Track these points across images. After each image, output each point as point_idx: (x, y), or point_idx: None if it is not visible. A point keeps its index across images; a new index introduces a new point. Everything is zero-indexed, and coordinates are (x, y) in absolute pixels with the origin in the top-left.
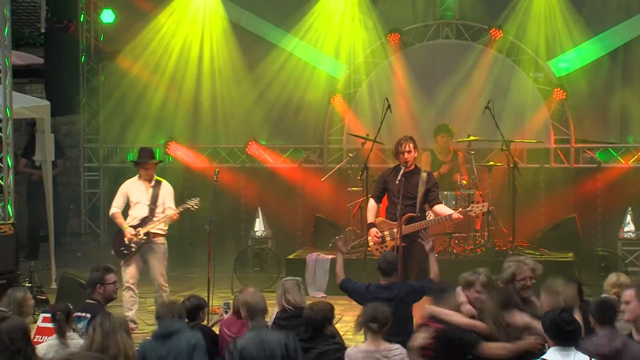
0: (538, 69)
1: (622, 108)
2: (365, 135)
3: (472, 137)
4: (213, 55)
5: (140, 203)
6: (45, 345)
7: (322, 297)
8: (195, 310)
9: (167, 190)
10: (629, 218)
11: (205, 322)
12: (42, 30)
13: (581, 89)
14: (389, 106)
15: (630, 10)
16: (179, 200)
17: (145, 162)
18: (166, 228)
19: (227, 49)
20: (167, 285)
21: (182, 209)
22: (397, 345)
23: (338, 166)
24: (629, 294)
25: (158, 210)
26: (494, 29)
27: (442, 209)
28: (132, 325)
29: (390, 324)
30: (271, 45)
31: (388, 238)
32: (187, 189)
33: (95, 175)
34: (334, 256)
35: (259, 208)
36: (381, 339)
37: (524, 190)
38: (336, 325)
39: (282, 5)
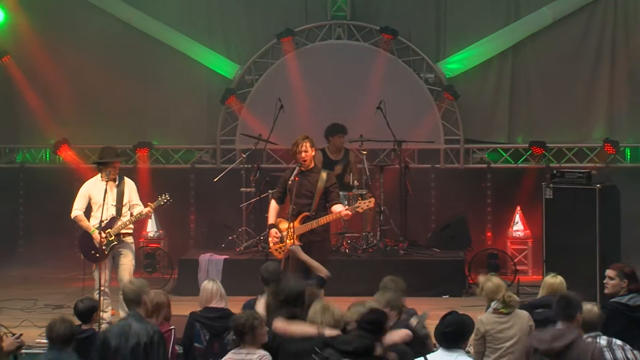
0: (428, 70)
1: (511, 109)
2: (258, 136)
3: (363, 138)
4: (104, 54)
5: (106, 204)
6: None
7: None
8: (89, 313)
9: (131, 187)
10: (517, 217)
11: (96, 325)
12: None
13: (471, 90)
14: (282, 106)
15: (519, 12)
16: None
17: (114, 162)
18: (132, 226)
19: (118, 49)
20: None
21: (155, 206)
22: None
23: (231, 167)
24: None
25: (125, 209)
26: (385, 30)
27: (338, 209)
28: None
29: None
30: (163, 45)
31: (287, 238)
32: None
33: None
34: (227, 256)
35: None
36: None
37: (415, 190)
38: None
39: (174, 4)
